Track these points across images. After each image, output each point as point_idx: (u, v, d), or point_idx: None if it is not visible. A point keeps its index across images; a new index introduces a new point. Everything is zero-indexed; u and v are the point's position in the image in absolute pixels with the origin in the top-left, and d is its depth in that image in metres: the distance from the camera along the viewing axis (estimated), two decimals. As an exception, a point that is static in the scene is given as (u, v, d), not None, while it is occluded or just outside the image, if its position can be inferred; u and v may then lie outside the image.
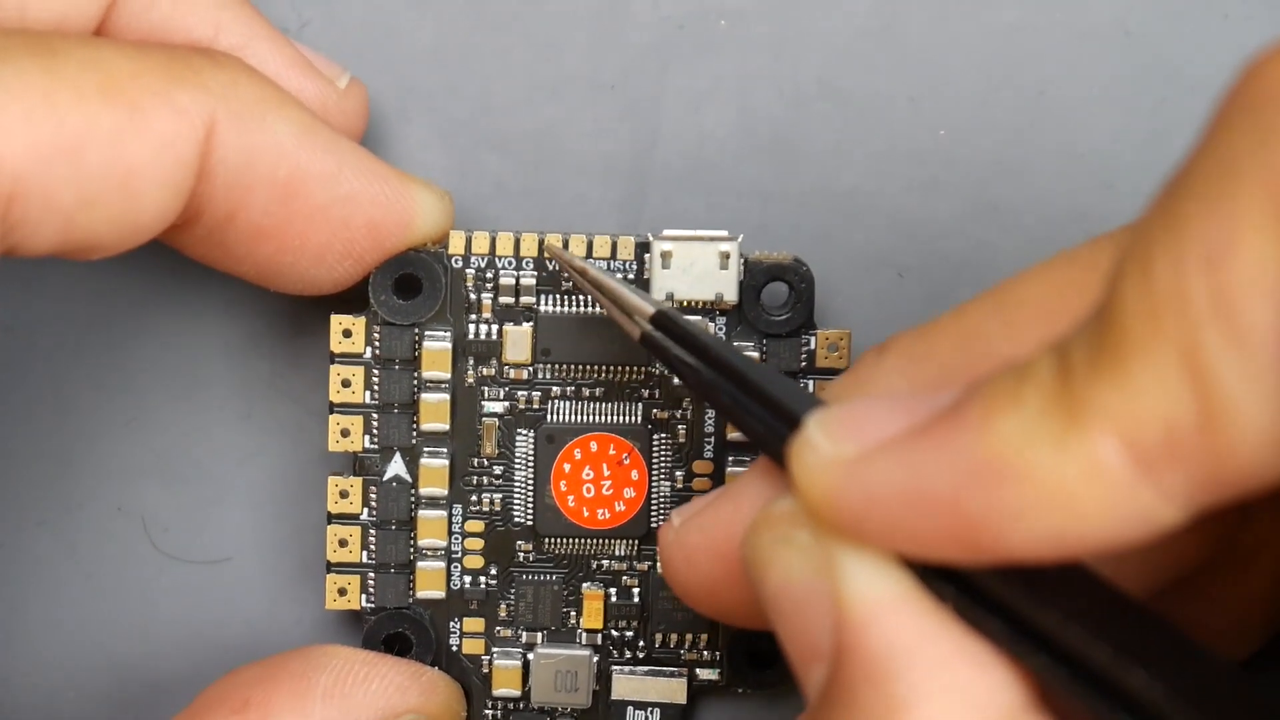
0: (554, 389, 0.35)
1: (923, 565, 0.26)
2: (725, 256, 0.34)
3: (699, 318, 0.34)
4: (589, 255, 0.35)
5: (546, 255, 0.35)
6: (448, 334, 0.35)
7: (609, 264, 0.35)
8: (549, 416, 0.35)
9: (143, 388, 0.37)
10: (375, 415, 0.35)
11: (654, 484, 0.35)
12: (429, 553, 0.35)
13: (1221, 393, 0.22)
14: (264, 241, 0.33)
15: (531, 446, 0.35)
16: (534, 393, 0.35)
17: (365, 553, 0.35)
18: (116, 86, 0.30)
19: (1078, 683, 0.25)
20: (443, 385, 0.35)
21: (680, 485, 0.35)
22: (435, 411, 0.35)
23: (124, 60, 0.30)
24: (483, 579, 0.36)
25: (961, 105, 0.36)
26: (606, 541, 0.35)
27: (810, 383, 0.35)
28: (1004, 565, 0.25)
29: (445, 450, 0.35)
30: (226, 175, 0.31)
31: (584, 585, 0.36)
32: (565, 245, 0.35)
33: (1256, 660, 0.27)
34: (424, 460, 0.35)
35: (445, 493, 0.35)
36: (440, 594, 0.35)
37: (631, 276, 0.35)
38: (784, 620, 0.27)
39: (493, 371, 0.35)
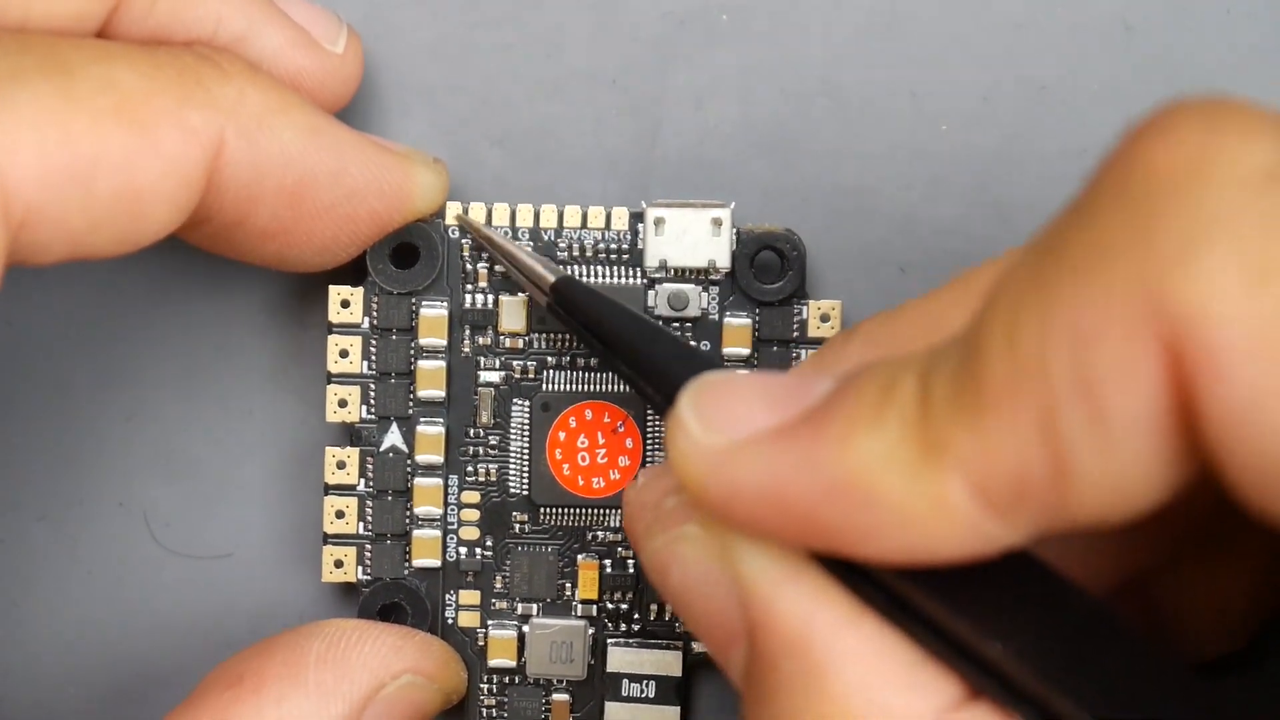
0: (549, 358, 0.35)
1: None
2: (718, 224, 0.35)
3: (599, 292, 0.34)
4: (583, 226, 0.35)
5: (458, 222, 0.35)
6: (444, 303, 0.35)
7: (603, 234, 0.35)
8: (544, 386, 0.35)
9: (144, 383, 0.37)
10: (372, 385, 0.35)
11: (648, 452, 0.35)
12: (425, 521, 0.35)
13: (1075, 459, 0.23)
14: (271, 240, 0.33)
15: (527, 416, 0.35)
16: (529, 362, 0.36)
17: (362, 524, 0.35)
18: (129, 107, 0.30)
19: (951, 652, 0.26)
20: (439, 353, 0.35)
21: (675, 455, 0.35)
22: (432, 379, 0.35)
23: (136, 78, 0.31)
24: (478, 550, 0.36)
25: (963, 101, 0.36)
26: (602, 511, 0.35)
27: (802, 352, 0.35)
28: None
29: (441, 419, 0.35)
30: (236, 188, 0.32)
31: (579, 556, 0.36)
32: (560, 216, 0.35)
33: (1237, 658, 0.27)
34: (420, 428, 0.35)
35: (441, 460, 0.35)
36: (436, 562, 0.35)
37: (626, 246, 0.35)
38: (693, 613, 0.28)
39: (489, 341, 0.35)
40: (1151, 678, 0.25)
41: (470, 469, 0.36)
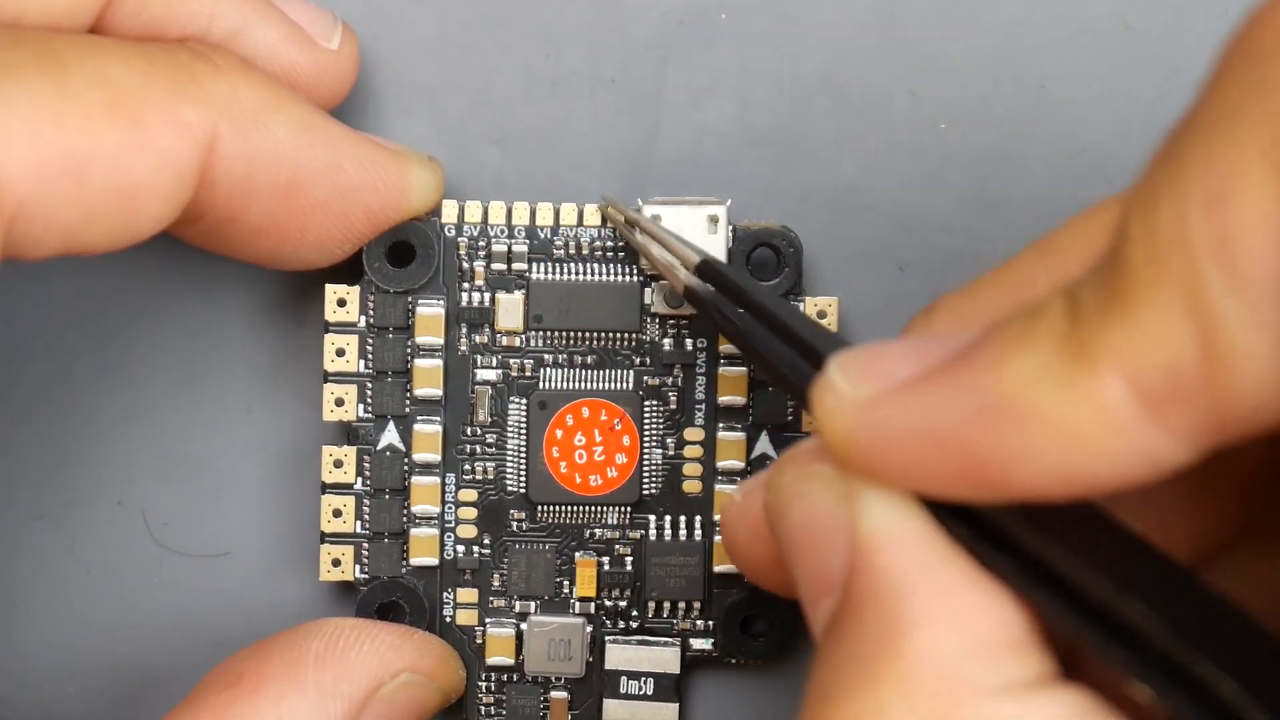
0: (546, 356, 0.35)
1: (939, 504, 0.26)
2: (714, 220, 0.35)
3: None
4: (580, 223, 0.35)
5: (601, 212, 0.35)
6: (441, 301, 0.35)
7: (599, 231, 0.35)
8: (541, 384, 0.35)
9: (142, 381, 0.37)
10: (369, 384, 0.35)
11: (645, 451, 0.35)
12: (422, 520, 0.35)
13: (1223, 332, 0.23)
14: (265, 237, 0.33)
15: (524, 413, 0.35)
16: (526, 360, 0.36)
17: (359, 523, 0.35)
18: (122, 102, 0.30)
19: (1078, 616, 0.25)
20: (436, 351, 0.35)
21: (672, 453, 0.35)
22: (429, 377, 0.35)
23: (130, 73, 0.31)
24: (476, 549, 0.36)
25: (962, 99, 0.36)
26: (599, 509, 0.35)
27: (800, 349, 0.35)
28: (1015, 504, 0.25)
29: (438, 418, 0.35)
30: (229, 184, 0.32)
31: (577, 554, 0.36)
32: (556, 214, 0.35)
33: None
34: (417, 426, 0.35)
35: (438, 459, 0.35)
36: (433, 560, 0.35)
37: (622, 243, 0.35)
38: (801, 554, 0.28)
39: (485, 339, 0.35)
40: (1260, 643, 0.24)
41: (467, 467, 0.36)
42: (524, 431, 0.35)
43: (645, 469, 0.35)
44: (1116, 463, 0.24)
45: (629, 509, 0.35)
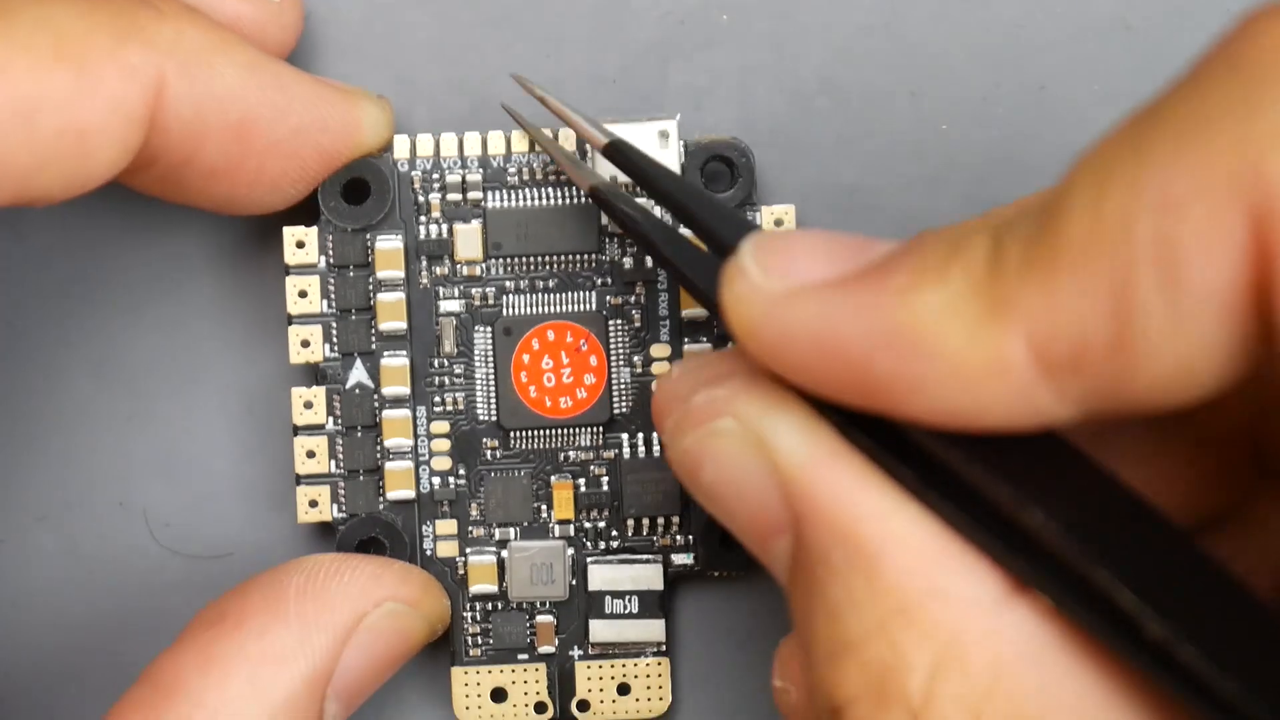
0: (508, 283, 0.36)
1: (840, 413, 0.27)
2: (664, 136, 0.35)
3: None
4: (531, 150, 0.36)
5: (517, 82, 0.35)
6: (399, 236, 0.35)
7: (551, 157, 0.35)
8: (504, 311, 0.36)
9: (143, 382, 0.37)
10: (334, 323, 0.35)
11: (613, 370, 0.36)
12: (396, 454, 0.36)
13: (1143, 327, 0.23)
14: (220, 179, 0.34)
15: (490, 341, 0.36)
16: (488, 289, 0.36)
17: (333, 462, 0.36)
18: (68, 47, 0.30)
19: (979, 526, 0.26)
20: (398, 285, 0.35)
21: (640, 370, 0.36)
22: (392, 311, 0.35)
23: (75, 19, 0.31)
24: (452, 480, 0.36)
25: (963, 100, 0.37)
26: (571, 431, 0.36)
27: (760, 258, 0.35)
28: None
29: (405, 351, 0.35)
30: (180, 126, 0.32)
31: (553, 478, 0.36)
32: (508, 141, 0.36)
33: None
34: (384, 360, 0.35)
35: (408, 392, 0.35)
36: (410, 494, 0.35)
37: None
38: (730, 507, 0.28)
39: (446, 271, 0.36)
40: (1186, 562, 0.25)
41: (437, 399, 0.36)
42: (491, 360, 0.36)
43: (614, 388, 0.36)
44: (1002, 412, 0.25)
45: (601, 429, 0.36)
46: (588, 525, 0.36)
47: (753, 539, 0.28)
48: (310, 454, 0.36)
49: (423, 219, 0.36)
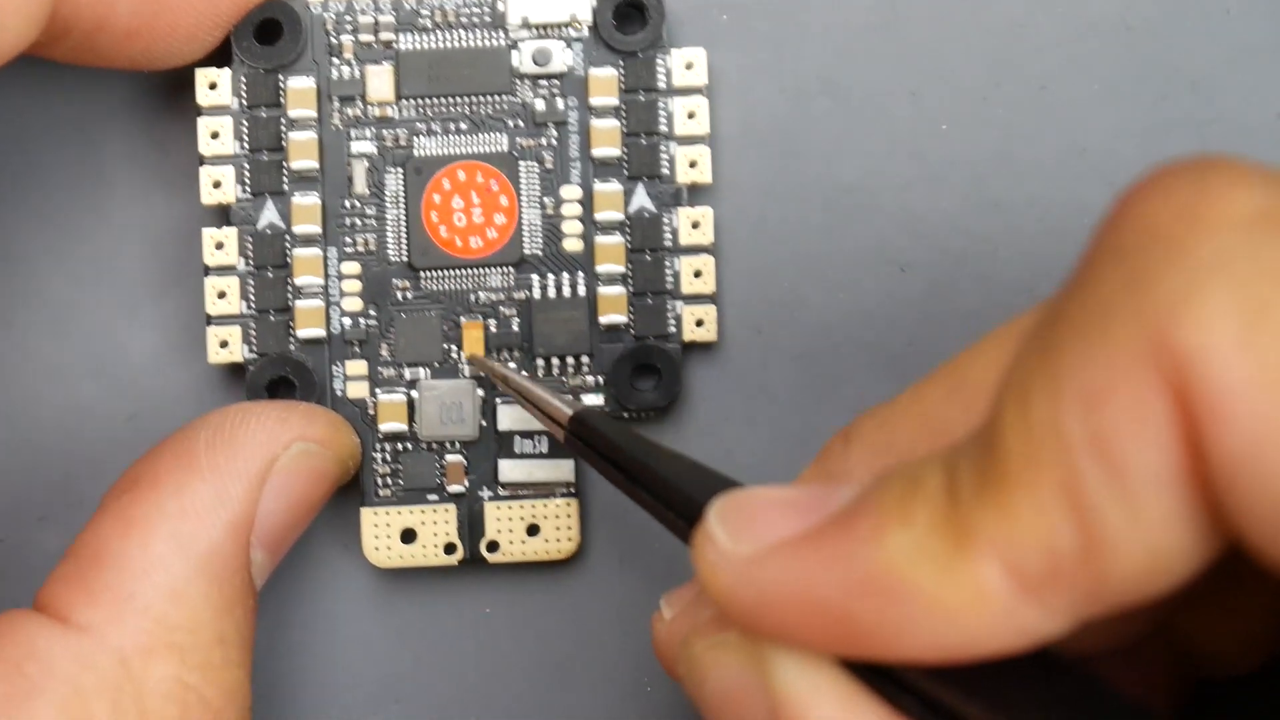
0: (419, 124, 0.36)
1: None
2: (575, -21, 0.35)
3: (617, 421, 0.34)
4: None
5: (470, 362, 0.36)
6: (311, 77, 0.36)
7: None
8: (415, 152, 0.36)
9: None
10: (246, 164, 0.35)
11: (524, 210, 0.36)
12: (306, 292, 0.36)
13: (1102, 525, 0.23)
14: (135, 39, 0.33)
15: (401, 182, 0.36)
16: (399, 130, 0.36)
17: (244, 303, 0.36)
18: None
19: None
20: (310, 124, 0.36)
21: (550, 211, 0.36)
22: (303, 150, 0.35)
23: None
24: (362, 320, 0.36)
25: (963, 100, 0.37)
26: (482, 271, 0.36)
27: (669, 102, 0.36)
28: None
29: (316, 191, 0.36)
30: None
31: (463, 318, 0.36)
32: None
33: (1254, 679, 0.28)
34: (295, 199, 0.36)
35: (319, 231, 0.36)
36: (320, 332, 0.36)
37: (487, 7, 0.36)
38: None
39: (358, 112, 0.36)
40: None
41: (348, 240, 0.36)
42: (402, 200, 0.36)
43: (525, 229, 0.36)
44: (992, 638, 0.25)
45: (512, 269, 0.36)
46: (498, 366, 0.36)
47: None
48: (221, 294, 0.36)
49: (335, 60, 0.36)
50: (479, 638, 0.37)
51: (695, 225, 0.36)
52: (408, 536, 0.36)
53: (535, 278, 0.36)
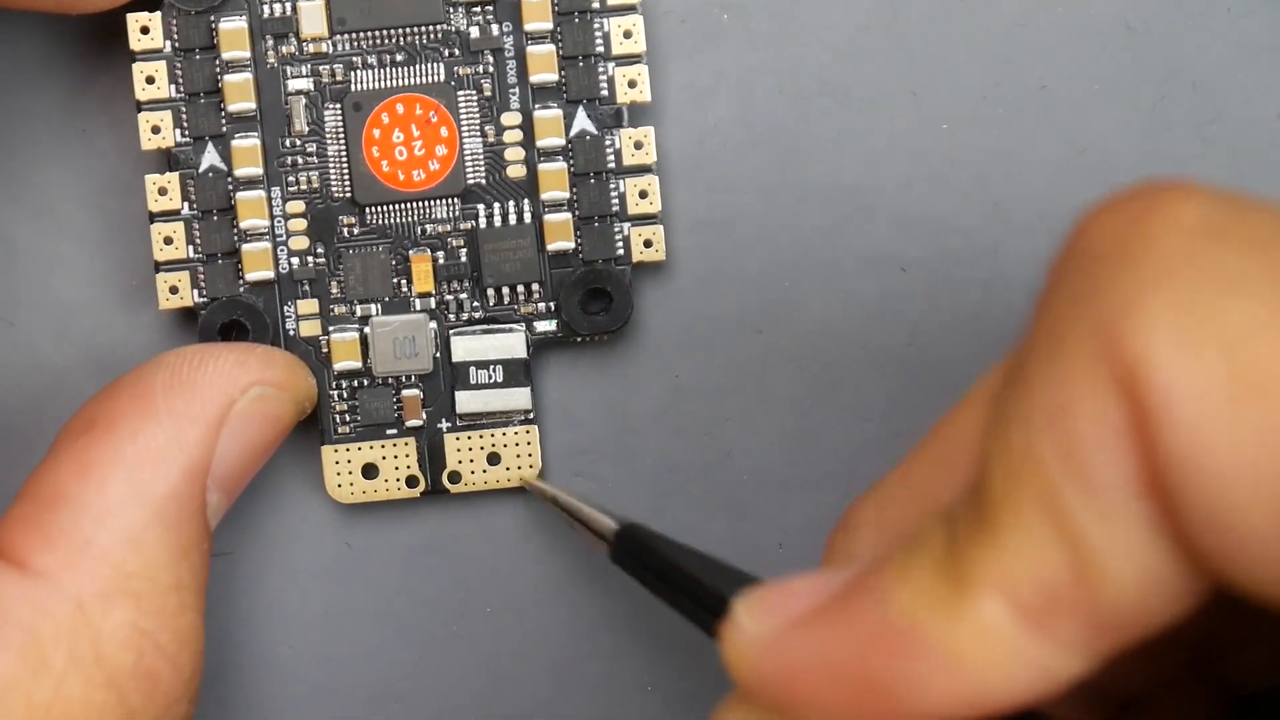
0: (355, 59, 0.36)
1: None
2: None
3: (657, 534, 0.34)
4: None
5: (525, 486, 0.36)
6: (243, 16, 0.35)
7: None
8: (353, 86, 0.36)
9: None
10: (183, 108, 0.35)
11: (465, 140, 0.36)
12: (252, 235, 0.36)
13: (1087, 542, 0.23)
14: None
15: (340, 118, 0.36)
16: (336, 65, 0.36)
17: (191, 248, 0.36)
18: None
19: None
20: (244, 65, 0.35)
21: (491, 140, 0.36)
22: (240, 91, 0.35)
23: None
24: (310, 259, 0.36)
25: (963, 100, 0.36)
26: (427, 204, 0.36)
27: (605, 22, 0.35)
28: None
29: (255, 133, 0.35)
30: None
31: (411, 251, 0.36)
32: None
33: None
34: (235, 142, 0.35)
35: (260, 173, 0.35)
36: (269, 274, 0.36)
37: (416, -63, 0.35)
38: None
39: (292, 49, 0.36)
40: None
41: (291, 179, 0.36)
42: (342, 136, 0.36)
43: (467, 159, 0.36)
44: (1008, 679, 0.25)
45: (457, 200, 0.36)
46: (449, 297, 0.36)
47: None
48: (168, 240, 0.36)
49: (266, -2, 0.35)
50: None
51: (638, 145, 0.36)
52: (369, 471, 0.36)
53: (480, 207, 0.36)
